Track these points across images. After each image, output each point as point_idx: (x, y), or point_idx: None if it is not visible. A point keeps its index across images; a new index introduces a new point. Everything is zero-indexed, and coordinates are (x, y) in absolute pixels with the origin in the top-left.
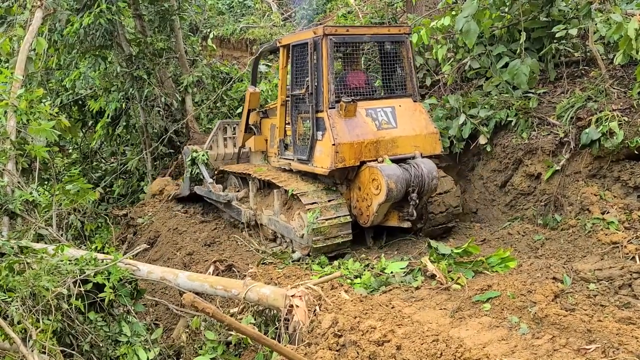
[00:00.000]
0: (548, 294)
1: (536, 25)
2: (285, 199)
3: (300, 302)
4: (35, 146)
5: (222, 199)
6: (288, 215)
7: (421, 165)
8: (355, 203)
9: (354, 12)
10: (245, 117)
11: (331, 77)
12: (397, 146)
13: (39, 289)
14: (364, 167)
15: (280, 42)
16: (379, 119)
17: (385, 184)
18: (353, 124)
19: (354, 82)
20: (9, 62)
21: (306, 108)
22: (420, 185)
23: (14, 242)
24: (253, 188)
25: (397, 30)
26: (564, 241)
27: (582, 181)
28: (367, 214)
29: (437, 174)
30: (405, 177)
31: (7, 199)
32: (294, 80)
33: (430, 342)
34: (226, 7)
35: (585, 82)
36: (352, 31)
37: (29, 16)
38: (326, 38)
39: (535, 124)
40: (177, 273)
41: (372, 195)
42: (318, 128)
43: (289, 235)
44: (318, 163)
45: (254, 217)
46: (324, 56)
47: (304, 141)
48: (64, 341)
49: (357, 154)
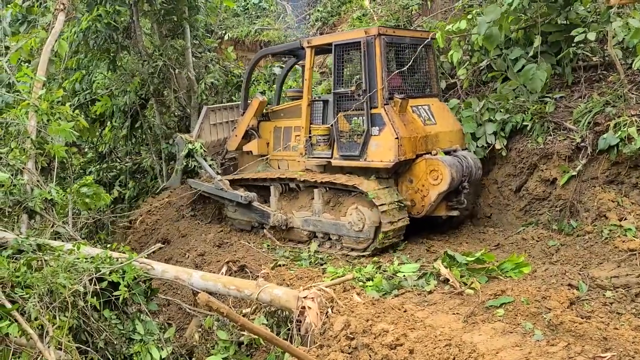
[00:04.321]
0: (563, 300)
1: (554, 28)
2: (329, 197)
3: (312, 303)
4: (54, 146)
5: (243, 199)
6: (335, 213)
7: (467, 157)
8: (406, 195)
9: (369, 15)
10: (246, 124)
11: (385, 74)
12: (439, 141)
13: (56, 286)
14: (419, 160)
15: (311, 42)
16: (422, 116)
17: (448, 173)
18: (406, 120)
19: (392, 82)
20: (31, 63)
21: (351, 105)
22: (470, 175)
23: (32, 240)
24: (275, 192)
25: (427, 34)
26: (580, 247)
27: (599, 187)
28: (423, 204)
29: (480, 165)
30: (461, 168)
31: (26, 197)
32: (337, 79)
33: (443, 347)
34: (241, 9)
35: (603, 87)
36: (397, 33)
37: (51, 19)
38: (379, 37)
39: (551, 128)
40: (191, 273)
41: (429, 186)
42: (374, 124)
43: (339, 232)
44: (375, 157)
45: (285, 220)
46: (378, 54)
47: (351, 138)
48: (80, 338)
49: (414, 147)
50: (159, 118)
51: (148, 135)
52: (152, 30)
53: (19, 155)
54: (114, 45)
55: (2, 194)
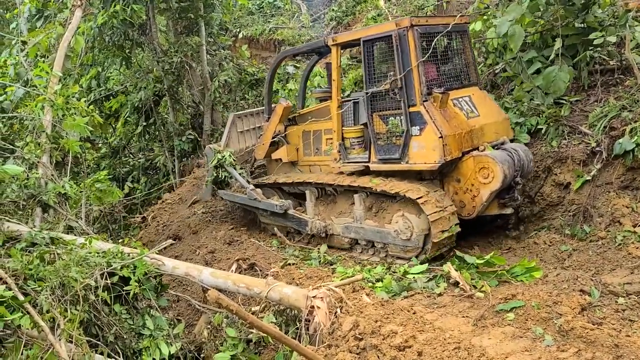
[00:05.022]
0: (575, 306)
1: (571, 31)
2: (370, 202)
3: (321, 303)
4: (69, 140)
5: (278, 208)
6: (379, 219)
7: (518, 149)
8: (454, 196)
9: (384, 15)
10: (272, 131)
11: (421, 68)
12: (484, 134)
13: (68, 279)
14: (465, 158)
15: (336, 40)
16: (464, 109)
17: (499, 170)
18: (448, 116)
19: (428, 75)
20: (48, 58)
21: (387, 105)
22: (522, 169)
23: (45, 233)
24: (312, 197)
25: (461, 19)
26: (593, 253)
27: (613, 192)
28: (473, 204)
29: (532, 156)
30: (512, 163)
31: (40, 191)
32: (369, 78)
33: (451, 350)
34: (256, 7)
35: (620, 91)
36: (430, 21)
37: (68, 15)
38: (412, 29)
39: (566, 132)
40: (202, 269)
41: (479, 185)
42: (413, 123)
43: (384, 239)
44: (418, 159)
45: (324, 227)
46: (412, 48)
47: (389, 139)
48: (90, 331)
49: (459, 145)
50: (172, 115)
51: (161, 132)
52: (167, 27)
53: (34, 150)
54: (129, 42)
55: (17, 187)
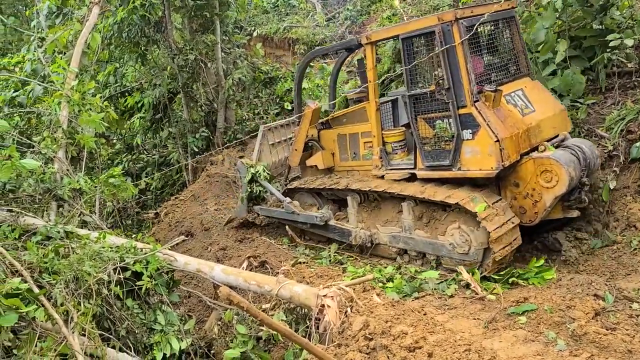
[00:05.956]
0: (588, 310)
1: (588, 33)
2: (420, 211)
3: (332, 302)
4: (84, 136)
5: (318, 220)
6: (431, 230)
7: (582, 145)
8: (512, 202)
9: (399, 15)
10: (304, 135)
11: (470, 66)
12: (541, 131)
13: (81, 273)
14: (525, 160)
15: (370, 38)
16: (518, 105)
17: (565, 173)
18: (502, 115)
19: (476, 70)
20: (65, 55)
21: (433, 107)
22: (588, 168)
23: (60, 227)
24: (354, 204)
25: (507, 5)
26: (608, 257)
27: (630, 197)
28: (535, 211)
29: (597, 152)
30: (578, 162)
31: (56, 185)
32: (411, 79)
33: (462, 352)
34: (271, 6)
35: (638, 94)
36: (476, 11)
37: (86, 12)
38: (458, 23)
39: (582, 135)
40: (213, 266)
41: (541, 190)
42: (464, 126)
43: (438, 252)
44: (472, 165)
45: (369, 237)
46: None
47: (437, 145)
48: (103, 325)
49: (517, 147)
50: (186, 112)
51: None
52: (182, 25)
53: (50, 144)
54: (145, 39)
55: (33, 181)
